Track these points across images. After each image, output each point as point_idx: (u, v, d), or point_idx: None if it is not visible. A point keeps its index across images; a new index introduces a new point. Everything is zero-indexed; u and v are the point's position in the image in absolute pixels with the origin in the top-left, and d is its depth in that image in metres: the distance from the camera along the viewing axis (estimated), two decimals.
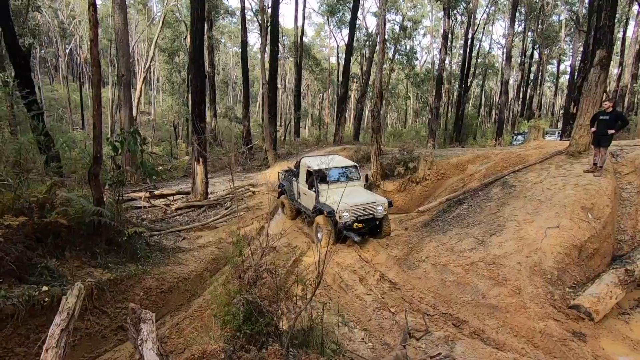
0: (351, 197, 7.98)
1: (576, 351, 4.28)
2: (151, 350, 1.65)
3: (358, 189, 8.76)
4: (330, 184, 8.53)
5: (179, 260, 6.56)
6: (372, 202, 8.04)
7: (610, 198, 7.10)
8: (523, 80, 38.61)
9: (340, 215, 7.58)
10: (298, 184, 9.39)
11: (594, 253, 6.20)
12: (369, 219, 7.99)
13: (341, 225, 7.68)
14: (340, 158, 9.98)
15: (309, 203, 8.85)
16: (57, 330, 1.82)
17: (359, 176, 9.26)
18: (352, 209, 7.72)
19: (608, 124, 7.41)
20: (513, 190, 8.22)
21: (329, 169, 8.83)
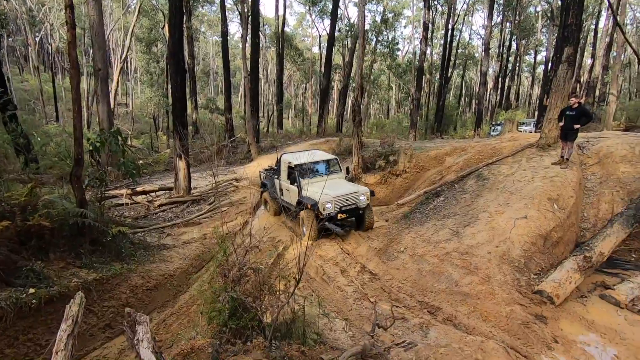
0: (333, 189, 8.14)
1: (537, 332, 4.68)
2: (147, 348, 1.82)
3: (340, 182, 8.93)
4: (312, 178, 8.66)
5: (163, 257, 6.65)
6: (354, 192, 8.21)
7: (574, 189, 7.58)
8: (501, 71, 39.49)
9: (324, 207, 7.71)
10: (280, 181, 9.45)
11: (558, 241, 6.66)
12: (352, 209, 8.16)
13: (325, 216, 7.79)
14: (320, 152, 10.10)
15: (292, 199, 8.94)
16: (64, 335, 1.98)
17: (340, 169, 9.43)
18: (335, 199, 7.88)
19: (574, 119, 7.85)
20: (487, 182, 8.63)
21: (310, 163, 8.94)
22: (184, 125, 10.76)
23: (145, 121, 41.14)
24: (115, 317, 4.92)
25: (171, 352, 2.52)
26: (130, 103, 46.03)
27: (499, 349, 4.20)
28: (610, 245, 6.17)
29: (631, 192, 7.83)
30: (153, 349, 1.86)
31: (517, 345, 4.45)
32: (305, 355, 2.97)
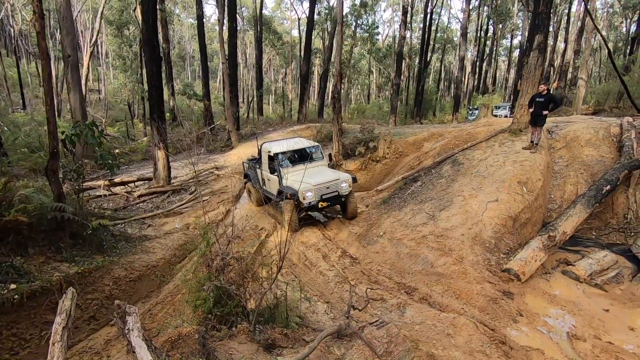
0: (314, 177, 7.97)
1: (504, 307, 5.05)
2: (137, 337, 1.93)
3: (321, 169, 8.76)
4: (293, 167, 8.50)
5: (145, 248, 6.67)
6: (335, 179, 8.09)
7: (542, 172, 8.00)
8: (478, 56, 40.10)
9: (304, 196, 7.60)
10: (262, 171, 9.28)
11: (526, 222, 7.07)
12: (333, 196, 8.06)
13: (306, 205, 7.67)
14: (302, 140, 9.91)
15: (272, 188, 8.79)
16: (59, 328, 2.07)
17: (322, 156, 9.27)
18: (315, 188, 7.75)
19: (543, 105, 8.20)
20: (461, 167, 8.96)
21: (290, 151, 8.79)
22: (161, 114, 10.55)
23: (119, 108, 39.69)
24: (100, 309, 4.97)
25: (159, 339, 2.63)
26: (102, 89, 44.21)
27: (469, 324, 4.53)
28: (572, 225, 6.61)
29: (594, 174, 8.32)
30: (143, 337, 1.98)
31: (485, 320, 4.79)
32: (288, 337, 3.15)
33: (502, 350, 4.14)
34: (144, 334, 1.99)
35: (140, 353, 1.78)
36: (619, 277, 5.86)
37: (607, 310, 5.07)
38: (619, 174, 7.56)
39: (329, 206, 8.11)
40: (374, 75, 52.97)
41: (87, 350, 4.37)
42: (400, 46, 26.06)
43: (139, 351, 1.80)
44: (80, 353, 4.29)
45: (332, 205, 8.21)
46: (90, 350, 4.39)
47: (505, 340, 4.32)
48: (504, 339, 4.35)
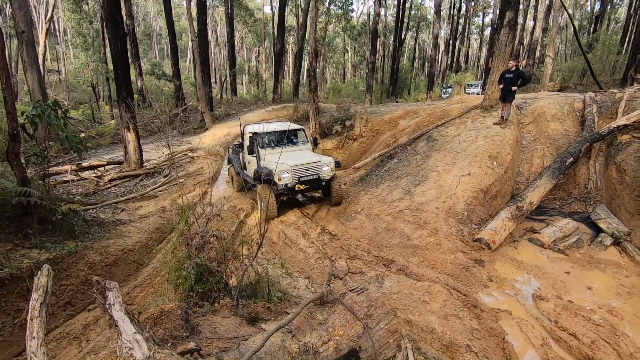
0: (293, 159, 7.72)
1: (475, 274, 5.33)
2: (119, 311, 1.91)
3: (304, 152, 8.43)
4: (274, 149, 8.17)
5: (120, 232, 6.49)
6: (315, 161, 7.76)
7: (511, 147, 8.32)
8: (452, 34, 40.37)
9: (280, 177, 7.29)
10: (244, 155, 8.97)
11: (496, 194, 7.39)
12: (313, 179, 7.73)
13: (282, 188, 7.39)
14: (286, 123, 9.55)
15: (251, 171, 8.44)
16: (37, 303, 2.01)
17: (307, 139, 8.93)
18: (293, 169, 7.44)
19: (512, 81, 8.44)
20: (435, 143, 9.17)
21: (272, 132, 8.47)
22: (129, 93, 10.05)
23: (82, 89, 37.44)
24: (75, 295, 4.85)
25: (141, 317, 2.62)
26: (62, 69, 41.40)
27: (443, 291, 4.76)
28: (538, 196, 6.98)
29: (559, 147, 8.74)
30: (125, 311, 1.96)
31: (458, 287, 5.05)
32: (271, 311, 3.21)
33: (474, 313, 4.40)
34: (125, 307, 1.98)
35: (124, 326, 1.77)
36: (579, 243, 6.29)
37: (568, 273, 5.47)
38: (581, 147, 7.98)
39: (307, 190, 7.84)
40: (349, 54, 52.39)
41: (65, 336, 4.28)
42: (375, 23, 25.78)
43: (122, 324, 1.79)
44: (57, 339, 4.20)
45: (311, 189, 7.95)
46: (69, 336, 4.31)
47: (476, 304, 4.60)
48: (475, 303, 4.62)
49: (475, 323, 4.18)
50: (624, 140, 7.90)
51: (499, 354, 3.85)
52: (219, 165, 12.63)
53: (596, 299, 4.88)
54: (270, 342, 1.76)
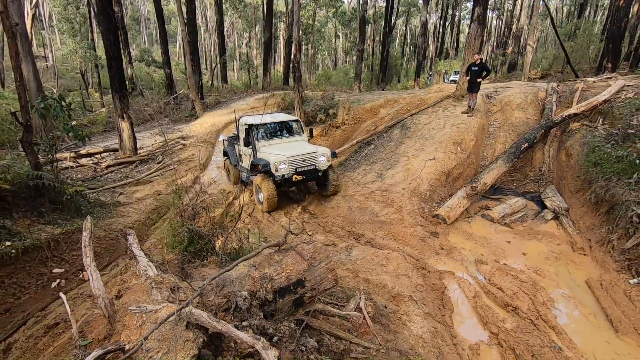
0: (290, 150, 7.76)
1: (430, 244, 6.23)
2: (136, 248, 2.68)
3: (301, 143, 8.43)
4: (270, 140, 8.23)
5: (121, 213, 7.25)
6: (312, 152, 7.77)
7: (474, 134, 9.16)
8: (441, 21, 40.71)
9: (277, 168, 7.29)
10: (239, 147, 8.95)
11: (458, 177, 8.27)
12: (309, 170, 7.75)
13: (279, 178, 7.45)
14: (282, 115, 9.44)
15: (248, 163, 8.46)
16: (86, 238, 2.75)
17: (302, 130, 8.91)
18: (290, 160, 7.46)
19: (477, 73, 9.22)
20: (408, 131, 9.98)
21: (268, 124, 8.48)
22: (123, 85, 10.62)
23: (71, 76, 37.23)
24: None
25: None
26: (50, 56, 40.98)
27: (399, 257, 5.65)
28: (492, 177, 7.87)
29: (520, 134, 9.60)
30: (140, 248, 2.75)
31: (413, 254, 5.95)
32: None
33: (421, 273, 5.30)
34: (140, 246, 2.77)
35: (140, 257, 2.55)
36: (524, 218, 7.23)
37: (509, 242, 6.40)
38: (536, 134, 8.86)
39: (304, 180, 7.88)
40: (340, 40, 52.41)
41: (79, 296, 5.09)
42: (364, 11, 26.11)
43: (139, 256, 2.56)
44: (73, 298, 5.01)
45: (308, 180, 7.99)
46: (83, 295, 5.12)
47: (425, 267, 5.50)
48: (424, 266, 5.52)
49: (421, 280, 5.09)
50: (574, 128, 8.79)
51: (436, 303, 4.76)
52: (209, 152, 13.31)
53: (528, 262, 5.83)
54: (239, 272, 2.57)
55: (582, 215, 6.81)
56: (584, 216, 6.77)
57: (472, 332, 4.44)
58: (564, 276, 5.51)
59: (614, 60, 18.17)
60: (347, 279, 5.05)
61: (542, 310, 4.70)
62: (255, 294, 2.47)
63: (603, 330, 4.49)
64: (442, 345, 4.02)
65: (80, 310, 4.34)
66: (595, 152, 7.29)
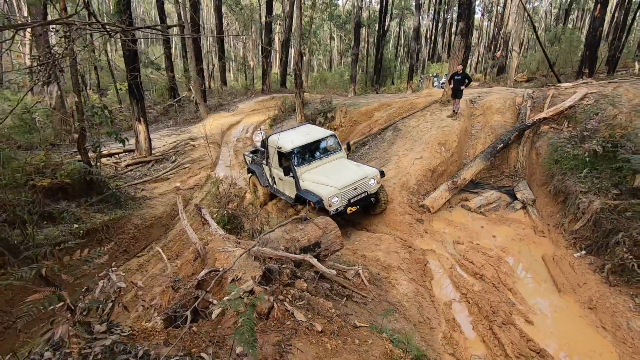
0: (337, 176, 7.05)
1: (416, 229, 7.41)
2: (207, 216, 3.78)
3: (342, 163, 7.74)
4: (310, 163, 7.43)
5: (149, 205, 8.34)
6: (362, 177, 7.11)
7: (458, 135, 10.37)
8: (433, 25, 42.08)
9: (330, 203, 6.63)
10: (270, 168, 7.99)
11: (442, 173, 9.47)
12: (362, 197, 7.17)
13: (332, 213, 6.70)
14: (314, 128, 8.54)
15: (288, 190, 7.73)
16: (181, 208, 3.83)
17: (339, 146, 8.12)
18: (342, 192, 6.81)
19: (460, 81, 10.42)
20: (400, 133, 11.17)
21: (304, 145, 7.52)
22: (140, 91, 11.66)
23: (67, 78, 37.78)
24: (129, 245, 6.74)
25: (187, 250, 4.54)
26: None
27: (390, 238, 6.83)
28: (471, 173, 9.09)
29: (498, 136, 10.82)
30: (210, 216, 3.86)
31: (402, 237, 7.13)
32: None
33: (408, 251, 6.48)
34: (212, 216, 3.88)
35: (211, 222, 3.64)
36: (497, 207, 8.44)
37: (482, 227, 7.61)
38: (511, 135, 10.08)
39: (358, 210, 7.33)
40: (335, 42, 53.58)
41: (127, 270, 6.19)
42: (358, 16, 27.32)
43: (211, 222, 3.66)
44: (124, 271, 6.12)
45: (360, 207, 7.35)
46: (129, 271, 6.22)
47: (411, 246, 6.69)
48: (411, 245, 6.71)
49: (407, 256, 6.27)
50: (544, 130, 10.03)
51: (419, 272, 5.95)
52: (217, 152, 14.38)
53: (496, 243, 7.03)
54: (276, 235, 3.69)
55: (545, 204, 8.05)
56: (546, 205, 8.00)
57: (447, 293, 5.63)
58: (525, 253, 6.72)
59: (591, 66, 19.53)
60: (348, 255, 6.20)
61: (503, 278, 5.90)
62: (288, 249, 3.61)
63: (550, 292, 5.70)
64: (422, 301, 5.20)
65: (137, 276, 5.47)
66: (557, 151, 8.51)
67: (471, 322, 5.06)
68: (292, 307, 2.93)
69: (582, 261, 6.06)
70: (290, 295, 3.09)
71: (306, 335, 2.72)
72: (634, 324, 4.74)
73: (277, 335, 2.59)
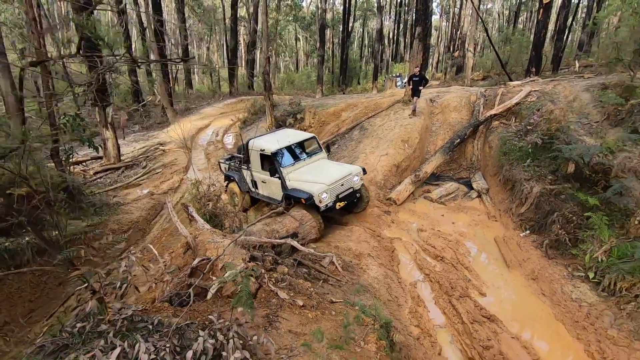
0: (324, 174, 7.30)
1: (384, 219, 8.04)
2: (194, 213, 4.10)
3: (325, 162, 8.12)
4: (295, 164, 7.61)
5: (125, 211, 8.41)
6: (347, 174, 7.40)
7: (419, 132, 11.16)
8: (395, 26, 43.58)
9: (320, 199, 6.66)
10: (251, 172, 7.99)
11: (406, 168, 10.20)
12: (349, 194, 7.45)
13: (323, 209, 6.81)
14: (294, 132, 8.91)
15: (272, 191, 7.68)
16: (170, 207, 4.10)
17: (320, 147, 8.41)
18: (331, 188, 6.96)
19: (418, 83, 11.22)
20: (366, 132, 11.83)
21: (289, 147, 7.79)
22: (105, 96, 11.53)
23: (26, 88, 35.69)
24: (105, 251, 6.86)
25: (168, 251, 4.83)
26: None
27: (360, 229, 7.40)
28: (432, 167, 9.88)
29: (455, 132, 11.74)
30: (196, 213, 4.19)
31: (372, 227, 7.72)
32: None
33: (377, 240, 7.08)
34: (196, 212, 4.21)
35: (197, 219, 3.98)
36: (456, 197, 9.27)
37: (443, 215, 8.37)
38: (466, 131, 11.01)
39: (345, 206, 7.55)
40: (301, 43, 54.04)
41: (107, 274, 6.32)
42: (322, 19, 27.89)
43: (197, 219, 3.99)
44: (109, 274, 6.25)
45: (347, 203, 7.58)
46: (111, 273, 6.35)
47: (380, 235, 7.29)
48: (379, 234, 7.31)
49: (376, 244, 6.86)
50: (495, 125, 11.04)
51: (387, 258, 6.55)
52: (188, 156, 14.41)
53: (455, 228, 7.80)
54: (258, 228, 4.10)
55: (497, 192, 8.96)
56: (497, 193, 8.91)
57: (412, 275, 6.27)
58: (480, 236, 7.52)
59: (537, 65, 21.26)
60: (322, 247, 6.67)
61: (461, 258, 6.63)
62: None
63: (500, 268, 6.50)
64: (391, 283, 5.79)
65: None
66: (506, 144, 9.48)
67: (433, 298, 5.71)
68: (275, 287, 3.37)
69: (526, 239, 6.93)
70: (273, 278, 3.53)
71: (290, 309, 3.18)
72: (567, 289, 5.59)
73: (265, 310, 3.02)
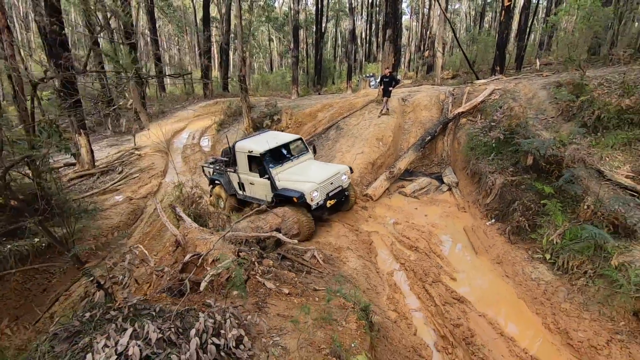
0: (313, 173, 7.46)
1: (361, 215, 8.44)
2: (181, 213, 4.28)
3: (312, 163, 8.28)
4: (283, 165, 7.70)
5: (104, 216, 8.38)
6: (336, 173, 7.57)
7: (392, 130, 11.66)
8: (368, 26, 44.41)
9: (312, 197, 6.79)
10: (239, 174, 8.05)
11: (381, 165, 10.66)
12: (338, 192, 7.63)
13: (314, 207, 6.99)
14: (280, 134, 9.03)
15: (262, 192, 7.74)
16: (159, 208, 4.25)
17: (306, 149, 8.51)
18: (321, 186, 7.11)
19: (388, 84, 11.72)
20: (342, 131, 12.21)
21: (277, 147, 7.82)
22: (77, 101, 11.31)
23: None
24: (89, 256, 6.86)
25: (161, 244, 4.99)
26: None
27: (340, 225, 7.75)
28: (405, 163, 10.39)
29: (426, 129, 12.33)
30: (184, 213, 4.38)
31: (350, 223, 8.09)
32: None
33: (355, 234, 7.46)
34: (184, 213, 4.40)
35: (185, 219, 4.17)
36: (428, 191, 9.81)
37: (416, 209, 8.86)
38: (437, 128, 11.61)
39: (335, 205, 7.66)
40: (274, 44, 53.98)
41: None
42: (295, 20, 28.12)
43: (185, 218, 4.18)
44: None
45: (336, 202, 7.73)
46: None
47: (358, 229, 7.67)
48: (357, 229, 7.70)
49: (355, 238, 7.24)
50: (462, 122, 11.70)
51: (365, 250, 6.93)
52: (165, 160, 14.32)
53: (428, 220, 8.29)
54: (243, 225, 4.35)
55: (465, 185, 9.56)
56: (466, 186, 9.51)
57: (389, 265, 6.68)
58: (450, 226, 8.05)
59: (502, 64, 22.39)
60: (304, 242, 6.99)
61: (433, 247, 7.11)
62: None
63: (469, 255, 7.02)
64: (369, 273, 6.17)
65: None
66: (472, 140, 10.10)
67: (409, 285, 6.14)
68: (262, 279, 3.64)
69: (492, 228, 7.50)
70: (260, 270, 3.80)
71: (277, 296, 3.46)
72: (527, 270, 6.16)
73: (254, 298, 3.30)
